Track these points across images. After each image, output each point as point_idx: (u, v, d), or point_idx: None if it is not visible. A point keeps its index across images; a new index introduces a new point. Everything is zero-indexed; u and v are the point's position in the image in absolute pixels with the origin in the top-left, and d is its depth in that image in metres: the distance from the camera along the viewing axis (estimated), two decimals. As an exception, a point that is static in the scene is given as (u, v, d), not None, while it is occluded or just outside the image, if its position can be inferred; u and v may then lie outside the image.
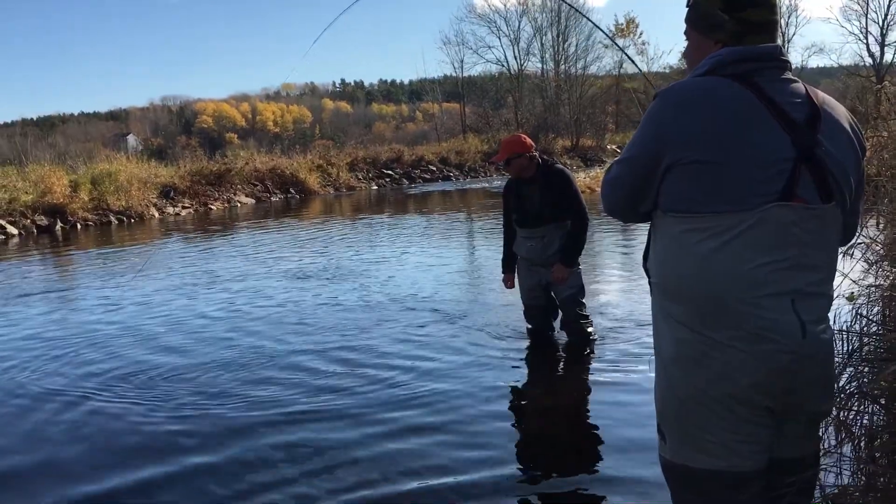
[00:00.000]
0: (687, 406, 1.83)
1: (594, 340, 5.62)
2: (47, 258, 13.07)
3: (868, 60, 37.23)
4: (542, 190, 5.35)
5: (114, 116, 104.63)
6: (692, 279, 1.78)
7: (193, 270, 10.44)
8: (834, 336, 1.86)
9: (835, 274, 1.85)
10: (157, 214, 20.39)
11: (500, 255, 5.91)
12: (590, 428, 4.21)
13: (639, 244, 9.84)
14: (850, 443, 2.64)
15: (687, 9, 1.97)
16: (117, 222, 18.84)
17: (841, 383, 2.68)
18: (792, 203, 1.71)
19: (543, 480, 3.59)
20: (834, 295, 1.87)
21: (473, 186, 27.95)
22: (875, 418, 2.67)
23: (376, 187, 29.48)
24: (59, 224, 17.69)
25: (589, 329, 5.63)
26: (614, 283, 8.02)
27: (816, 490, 2.09)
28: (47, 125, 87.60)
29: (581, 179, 19.44)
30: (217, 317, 7.37)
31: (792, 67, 1.85)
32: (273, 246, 13.04)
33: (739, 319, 1.72)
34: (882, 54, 36.93)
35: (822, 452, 2.47)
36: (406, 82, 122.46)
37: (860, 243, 3.45)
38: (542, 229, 5.39)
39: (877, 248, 3.57)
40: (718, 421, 1.79)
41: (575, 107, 42.42)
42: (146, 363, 5.79)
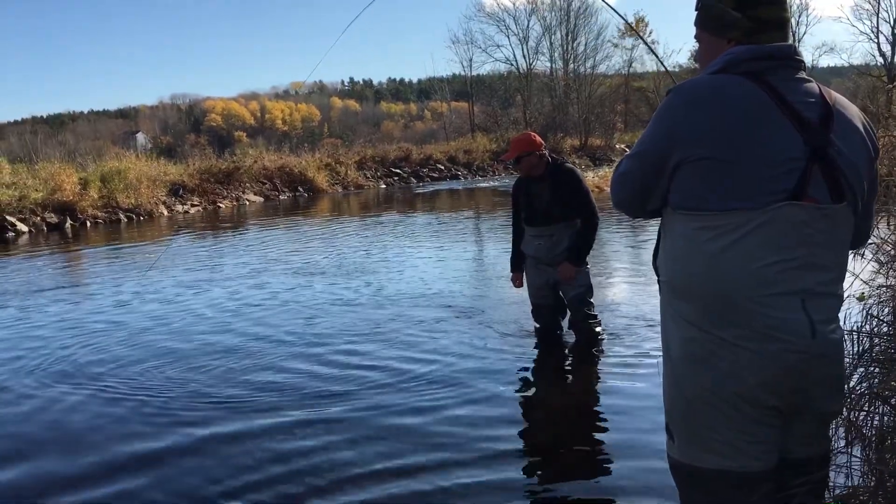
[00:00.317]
0: (695, 405, 1.82)
1: (602, 340, 5.61)
2: (57, 255, 13.11)
3: (879, 60, 37.10)
4: (552, 188, 5.34)
5: (123, 114, 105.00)
6: (701, 277, 1.77)
7: (202, 267, 10.48)
8: (843, 336, 1.84)
9: (845, 274, 1.84)
10: (167, 212, 20.46)
11: (508, 254, 5.91)
12: (598, 428, 4.20)
13: (648, 243, 9.82)
14: (861, 443, 2.63)
15: (696, 11, 1.96)
16: (126, 220, 18.91)
17: (851, 384, 2.67)
18: (803, 202, 1.70)
19: (551, 480, 3.59)
20: (844, 295, 1.86)
21: (482, 185, 27.94)
22: (885, 419, 2.66)
23: (384, 186, 29.51)
24: (69, 221, 17.77)
25: (597, 328, 5.62)
26: (623, 283, 8.00)
27: (826, 491, 2.08)
28: (57, 123, 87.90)
29: (590, 179, 19.36)
30: (225, 313, 7.39)
31: (806, 67, 1.84)
32: (282, 243, 13.08)
33: (748, 318, 1.71)
34: (893, 54, 36.79)
35: (833, 453, 2.46)
36: (415, 81, 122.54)
37: (871, 244, 3.44)
38: (551, 228, 5.38)
39: (888, 249, 3.55)
40: (727, 420, 1.78)
41: (584, 106, 42.37)
42: (151, 358, 5.82)
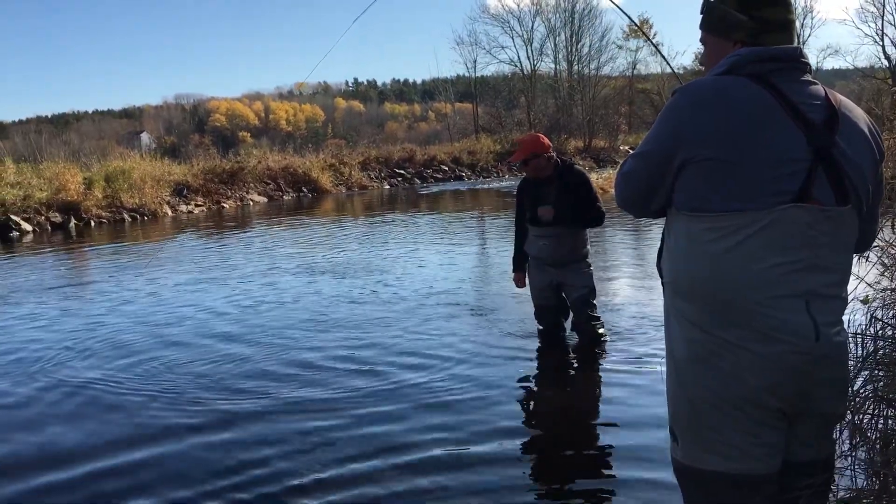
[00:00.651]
0: (699, 408, 1.82)
1: (605, 341, 5.60)
2: (60, 254, 13.14)
3: (884, 62, 36.96)
4: (560, 189, 5.34)
5: (127, 114, 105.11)
6: (705, 278, 1.77)
7: (207, 266, 10.49)
8: (848, 338, 1.84)
9: (849, 276, 1.84)
10: (171, 212, 20.48)
11: (511, 254, 5.91)
12: (600, 429, 4.19)
13: (651, 244, 9.81)
14: (865, 446, 2.62)
15: (701, 14, 1.97)
16: (131, 220, 18.93)
17: (856, 387, 2.66)
18: (807, 204, 1.70)
19: (554, 481, 3.58)
20: (848, 298, 1.86)
21: (485, 186, 27.93)
22: (890, 422, 2.65)
23: (388, 187, 29.51)
24: (73, 221, 17.80)
25: (600, 330, 5.61)
26: (626, 284, 7.99)
27: (830, 493, 2.08)
28: (62, 123, 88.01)
29: (594, 180, 19.35)
30: (230, 311, 7.40)
31: (812, 69, 1.84)
32: (286, 243, 13.10)
33: (752, 320, 1.71)
34: (899, 56, 36.65)
35: (837, 456, 2.46)
36: (419, 82, 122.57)
37: (876, 246, 3.43)
38: (556, 228, 5.38)
39: (892, 252, 3.55)
40: (731, 423, 1.78)
41: (588, 107, 42.34)
42: (155, 355, 5.85)
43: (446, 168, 33.15)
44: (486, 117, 45.12)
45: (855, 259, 1.99)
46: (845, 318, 1.84)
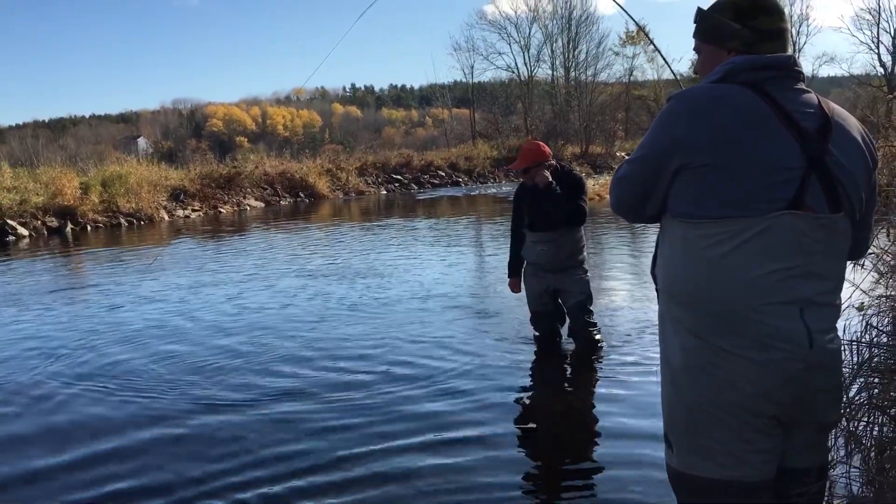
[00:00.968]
0: (694, 415, 1.83)
1: (602, 348, 5.60)
2: (57, 259, 13.12)
3: (879, 70, 37.12)
4: (557, 194, 5.35)
5: (124, 119, 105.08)
6: (699, 285, 1.78)
7: (204, 270, 10.47)
8: (842, 345, 1.85)
9: (843, 284, 1.85)
10: (167, 217, 20.47)
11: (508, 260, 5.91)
12: (597, 435, 4.19)
13: (648, 250, 9.82)
14: (860, 454, 2.62)
15: (696, 24, 1.98)
16: (127, 224, 18.91)
17: (851, 394, 2.66)
18: (801, 211, 1.71)
19: (550, 488, 3.59)
20: (843, 305, 1.87)
21: (482, 192, 27.95)
22: (885, 429, 2.65)
23: (385, 192, 29.52)
24: (70, 226, 17.79)
25: (597, 336, 5.61)
26: (623, 290, 8.00)
27: (825, 501, 2.08)
28: (58, 127, 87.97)
29: (590, 186, 19.34)
30: (224, 315, 7.39)
31: (805, 78, 1.85)
32: (283, 248, 13.09)
33: (747, 327, 1.72)
34: (893, 64, 36.81)
35: (832, 463, 2.46)
36: (416, 87, 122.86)
37: (870, 253, 3.44)
38: (554, 233, 5.39)
39: (887, 259, 3.56)
40: (726, 430, 1.78)
41: (585, 114, 42.38)
42: (147, 359, 5.84)
43: (443, 174, 33.17)
44: (484, 123, 45.16)
45: (850, 266, 2.00)
46: (840, 325, 1.85)
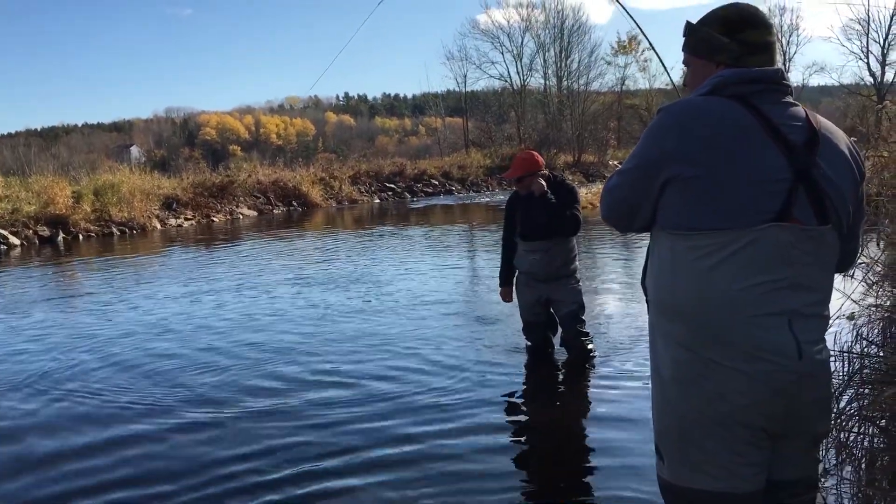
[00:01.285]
0: (685, 427, 1.83)
1: (594, 357, 5.61)
2: (48, 268, 13.06)
3: (869, 80, 37.30)
4: (552, 203, 5.36)
5: (117, 128, 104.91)
6: (688, 297, 1.78)
7: (196, 278, 10.44)
8: (830, 357, 1.86)
9: (831, 295, 1.86)
10: (160, 226, 20.41)
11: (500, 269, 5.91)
12: (588, 446, 4.19)
13: (639, 260, 9.83)
14: (851, 464, 2.63)
15: (684, 38, 2.00)
16: (119, 233, 18.84)
17: (841, 405, 2.67)
18: (788, 224, 1.72)
19: (542, 498, 3.58)
20: (831, 316, 1.88)
21: (476, 201, 27.97)
22: (875, 440, 2.66)
23: (378, 201, 29.50)
24: (62, 235, 17.70)
25: (589, 346, 5.61)
26: (615, 300, 8.01)
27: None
28: (51, 136, 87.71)
29: (583, 195, 19.35)
30: (220, 322, 7.38)
31: (793, 91, 1.87)
32: (277, 256, 13.06)
33: (736, 339, 1.73)
34: (883, 74, 36.98)
35: (823, 474, 2.47)
36: (409, 96, 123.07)
37: (861, 263, 3.45)
38: (547, 242, 5.39)
39: (877, 269, 3.57)
40: (717, 442, 1.79)
41: (577, 122, 42.49)
42: (139, 366, 5.83)
43: (436, 182, 33.16)
44: (477, 132, 45.25)
45: (841, 276, 2.01)
46: (831, 335, 1.86)
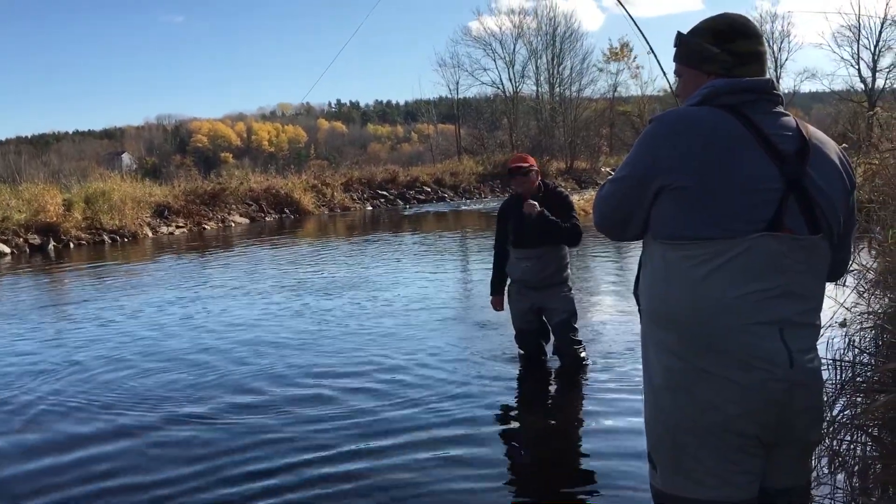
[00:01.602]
0: (677, 435, 1.83)
1: (587, 365, 5.60)
2: (39, 276, 13.01)
3: (860, 86, 37.58)
4: (543, 208, 5.37)
5: (108, 135, 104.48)
6: (680, 306, 1.79)
7: (187, 286, 10.41)
8: (821, 365, 1.86)
9: (822, 304, 1.87)
10: (151, 234, 20.35)
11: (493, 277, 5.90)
12: (581, 454, 4.18)
13: (632, 268, 9.84)
14: (844, 473, 2.63)
15: (675, 48, 2.00)
16: (111, 241, 18.79)
17: (834, 413, 2.67)
18: (779, 233, 1.73)
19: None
20: (822, 325, 1.88)
21: (468, 208, 28.00)
22: (868, 448, 2.66)
23: (371, 208, 29.50)
24: (52, 243, 17.64)
25: (582, 354, 5.61)
26: (608, 308, 8.01)
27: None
28: (41, 143, 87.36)
29: (575, 201, 19.35)
30: (198, 330, 7.37)
31: (783, 101, 1.88)
32: (267, 263, 13.05)
33: (728, 347, 1.73)
34: (873, 80, 37.30)
35: (816, 482, 2.46)
36: (401, 103, 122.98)
37: (853, 271, 3.46)
38: (540, 250, 5.39)
39: (869, 276, 3.58)
40: (709, 450, 1.79)
41: (569, 129, 42.62)
42: (132, 373, 5.79)
43: (429, 189, 33.19)
44: (469, 139, 45.35)
45: (833, 284, 2.01)
46: (824, 344, 1.86)
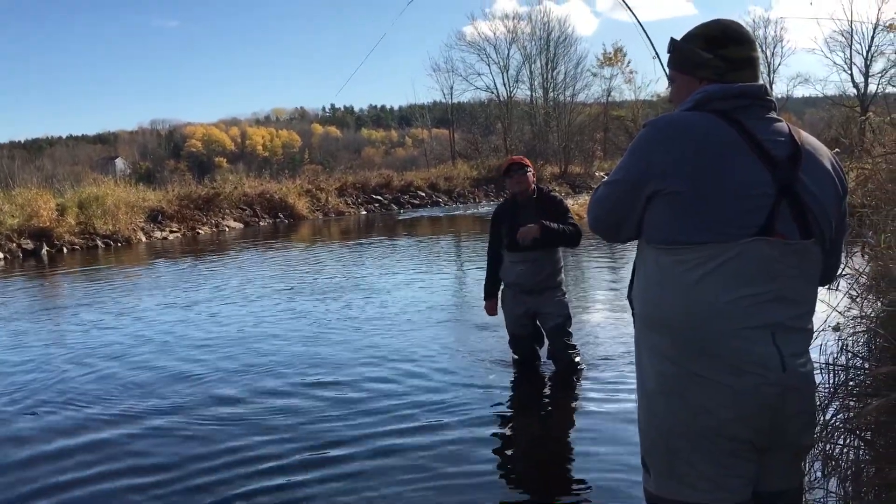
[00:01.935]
0: (670, 439, 1.83)
1: (581, 370, 5.60)
2: (31, 281, 12.97)
3: (852, 91, 37.71)
4: (538, 212, 5.38)
5: (102, 140, 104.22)
6: (674, 310, 1.79)
7: (180, 290, 10.39)
8: (814, 369, 1.87)
9: (815, 308, 1.87)
10: (145, 239, 20.31)
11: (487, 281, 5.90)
12: (575, 459, 4.18)
13: (626, 272, 9.85)
14: (837, 477, 2.63)
15: (669, 54, 2.02)
16: (104, 246, 18.73)
17: (827, 417, 2.68)
18: (772, 238, 1.74)
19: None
20: (814, 329, 1.89)
21: (462, 212, 28.01)
22: (861, 453, 2.66)
23: (365, 213, 29.50)
24: (46, 248, 17.59)
25: (576, 359, 5.61)
26: (602, 312, 8.01)
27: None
28: (35, 148, 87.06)
29: (570, 205, 19.38)
30: (204, 332, 7.35)
31: (776, 107, 1.89)
32: (261, 268, 13.02)
33: (720, 352, 1.74)
34: (866, 85, 37.42)
35: (809, 486, 2.46)
36: (396, 108, 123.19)
37: (846, 275, 3.47)
38: (534, 253, 5.40)
39: (862, 280, 3.59)
40: (702, 454, 1.79)
41: (563, 134, 42.67)
42: (128, 378, 5.78)
43: (423, 194, 33.20)
44: (463, 143, 45.37)
45: (826, 288, 2.02)
46: (817, 347, 1.86)
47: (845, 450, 2.66)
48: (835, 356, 3.08)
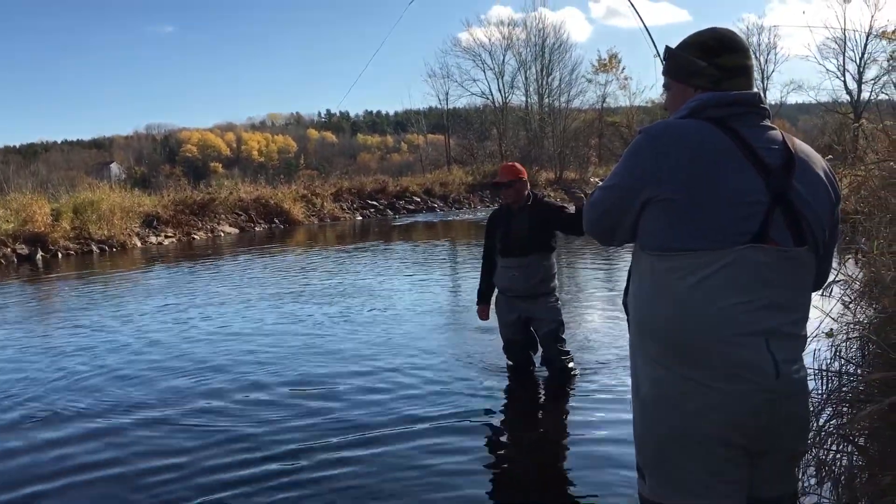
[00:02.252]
0: (665, 445, 1.84)
1: (575, 376, 5.60)
2: (25, 286, 12.93)
3: (845, 97, 37.87)
4: (531, 218, 5.39)
5: (97, 145, 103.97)
6: (668, 317, 1.80)
7: (174, 295, 10.36)
8: (807, 375, 1.88)
9: (808, 315, 1.88)
10: (140, 244, 20.25)
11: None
12: (570, 465, 4.18)
13: (620, 277, 9.86)
14: (830, 482, 2.64)
15: (664, 62, 2.03)
16: (99, 251, 18.68)
17: (821, 423, 2.68)
18: (765, 245, 1.75)
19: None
20: (808, 335, 1.90)
21: (457, 218, 28.01)
22: (854, 458, 2.67)
23: (361, 218, 29.46)
24: (40, 253, 17.53)
25: (570, 365, 5.61)
26: (596, 318, 8.02)
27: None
28: (30, 153, 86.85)
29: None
30: (177, 339, 7.33)
31: (770, 115, 1.90)
32: (256, 272, 13.00)
33: (714, 358, 1.75)
34: (859, 91, 37.60)
35: (802, 492, 2.47)
36: (391, 113, 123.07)
37: (839, 281, 3.48)
38: (527, 259, 5.40)
39: (855, 287, 3.60)
40: (697, 460, 1.80)
41: (558, 140, 42.72)
42: (128, 381, 5.76)
43: (418, 199, 33.18)
44: (458, 149, 45.38)
45: (819, 294, 2.03)
46: (810, 354, 1.87)
47: (839, 456, 2.67)
48: (828, 362, 3.09)
